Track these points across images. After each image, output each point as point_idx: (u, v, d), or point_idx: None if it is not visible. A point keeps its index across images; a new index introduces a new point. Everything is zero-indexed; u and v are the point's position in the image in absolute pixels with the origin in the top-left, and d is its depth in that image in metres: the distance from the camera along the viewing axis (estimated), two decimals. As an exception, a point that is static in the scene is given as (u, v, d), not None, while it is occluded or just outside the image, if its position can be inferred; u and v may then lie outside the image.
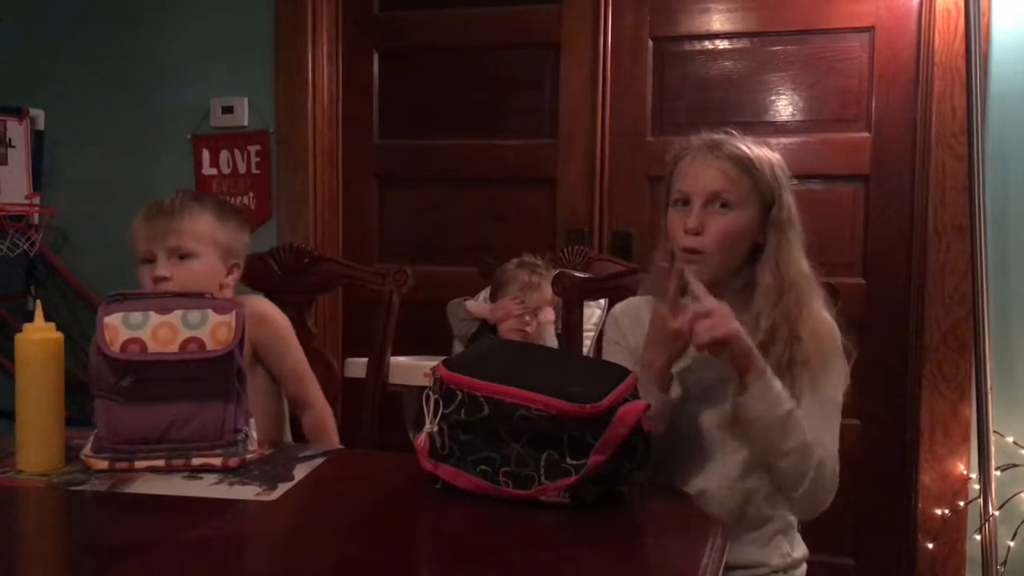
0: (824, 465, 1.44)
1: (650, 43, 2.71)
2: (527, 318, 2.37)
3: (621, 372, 1.31)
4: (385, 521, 1.21)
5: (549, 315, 2.41)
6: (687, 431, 1.48)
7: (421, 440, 1.29)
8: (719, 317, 1.35)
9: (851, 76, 2.56)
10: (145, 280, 1.74)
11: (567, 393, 1.20)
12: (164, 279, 1.72)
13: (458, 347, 2.53)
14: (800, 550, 1.56)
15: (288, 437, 1.92)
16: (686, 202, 1.49)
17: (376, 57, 2.95)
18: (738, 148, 1.49)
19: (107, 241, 3.06)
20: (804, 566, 1.57)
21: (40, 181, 3.01)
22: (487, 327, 2.45)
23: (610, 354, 1.60)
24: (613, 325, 1.64)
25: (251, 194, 2.96)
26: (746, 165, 1.47)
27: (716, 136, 1.52)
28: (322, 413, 1.86)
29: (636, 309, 1.62)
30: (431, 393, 1.28)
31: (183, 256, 1.75)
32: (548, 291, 2.34)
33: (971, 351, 2.31)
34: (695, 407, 1.48)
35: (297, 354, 1.85)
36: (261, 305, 1.84)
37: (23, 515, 1.29)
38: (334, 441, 1.85)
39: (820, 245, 2.64)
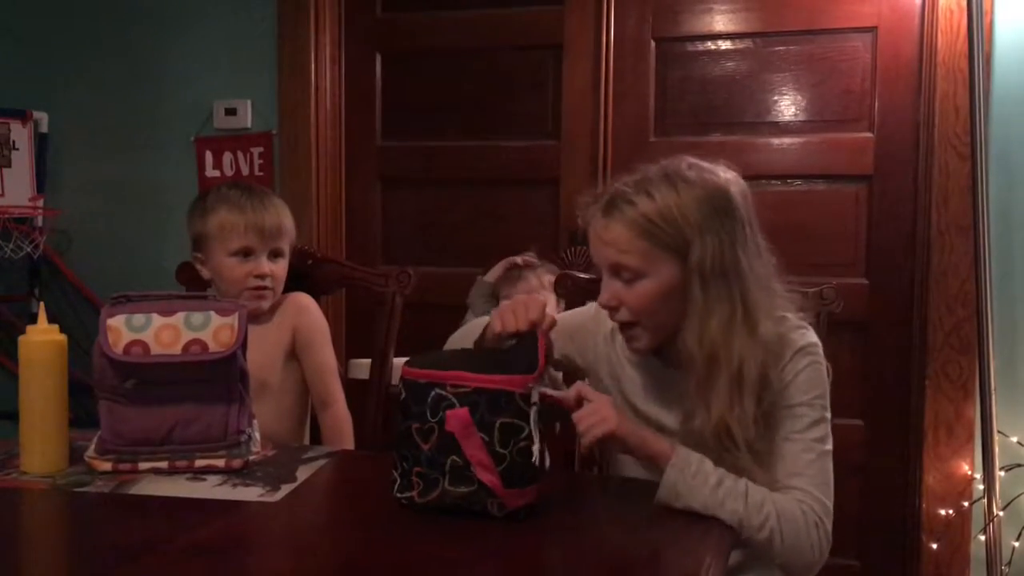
0: (787, 517, 1.26)
1: (652, 44, 2.70)
2: None
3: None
4: (387, 522, 1.21)
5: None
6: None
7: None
8: (598, 416, 1.24)
9: (854, 76, 2.55)
10: (238, 273, 1.80)
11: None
12: (268, 276, 1.81)
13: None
14: None
15: (307, 441, 1.94)
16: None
17: (379, 59, 2.95)
18: (628, 203, 1.30)
19: (111, 243, 3.08)
20: None
21: (44, 183, 3.01)
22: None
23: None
24: (590, 329, 1.53)
25: (254, 196, 2.96)
26: (639, 226, 1.29)
27: (614, 188, 1.33)
28: (343, 415, 1.89)
29: (585, 321, 1.53)
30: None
31: (276, 254, 1.84)
32: (533, 280, 2.33)
33: (975, 351, 2.30)
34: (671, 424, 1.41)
35: (330, 351, 1.92)
36: (304, 298, 1.91)
37: (27, 516, 1.29)
38: (350, 445, 1.86)
39: (823, 246, 2.65)
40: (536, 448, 1.17)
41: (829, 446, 1.35)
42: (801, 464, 1.31)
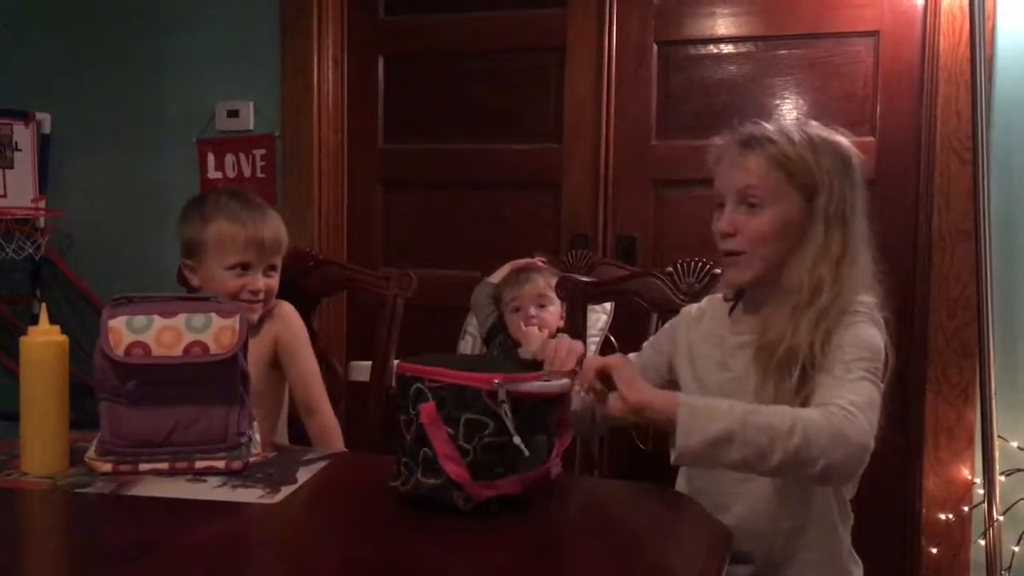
0: (811, 421, 1.21)
1: (655, 47, 2.71)
2: (532, 310, 2.33)
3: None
4: (387, 524, 1.22)
5: (551, 314, 2.33)
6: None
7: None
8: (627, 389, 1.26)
9: (856, 80, 2.55)
10: (232, 286, 1.78)
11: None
12: (262, 291, 1.81)
13: (463, 347, 2.52)
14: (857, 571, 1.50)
15: (284, 441, 1.93)
16: (722, 204, 1.44)
17: (381, 61, 2.95)
18: (769, 140, 1.40)
19: (112, 245, 3.08)
20: None
21: (46, 184, 3.02)
22: (502, 326, 2.42)
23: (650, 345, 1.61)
24: (676, 324, 1.59)
25: (256, 198, 2.96)
26: (776, 160, 1.39)
27: (749, 129, 1.44)
28: (331, 420, 1.88)
29: (700, 310, 1.58)
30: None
31: (271, 268, 1.84)
32: (540, 282, 2.32)
33: (975, 356, 2.30)
34: None
35: (311, 358, 1.90)
36: (285, 307, 1.90)
37: (27, 517, 1.30)
38: (339, 447, 1.86)
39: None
40: (518, 441, 1.18)
41: (876, 379, 1.31)
42: (836, 387, 1.28)
